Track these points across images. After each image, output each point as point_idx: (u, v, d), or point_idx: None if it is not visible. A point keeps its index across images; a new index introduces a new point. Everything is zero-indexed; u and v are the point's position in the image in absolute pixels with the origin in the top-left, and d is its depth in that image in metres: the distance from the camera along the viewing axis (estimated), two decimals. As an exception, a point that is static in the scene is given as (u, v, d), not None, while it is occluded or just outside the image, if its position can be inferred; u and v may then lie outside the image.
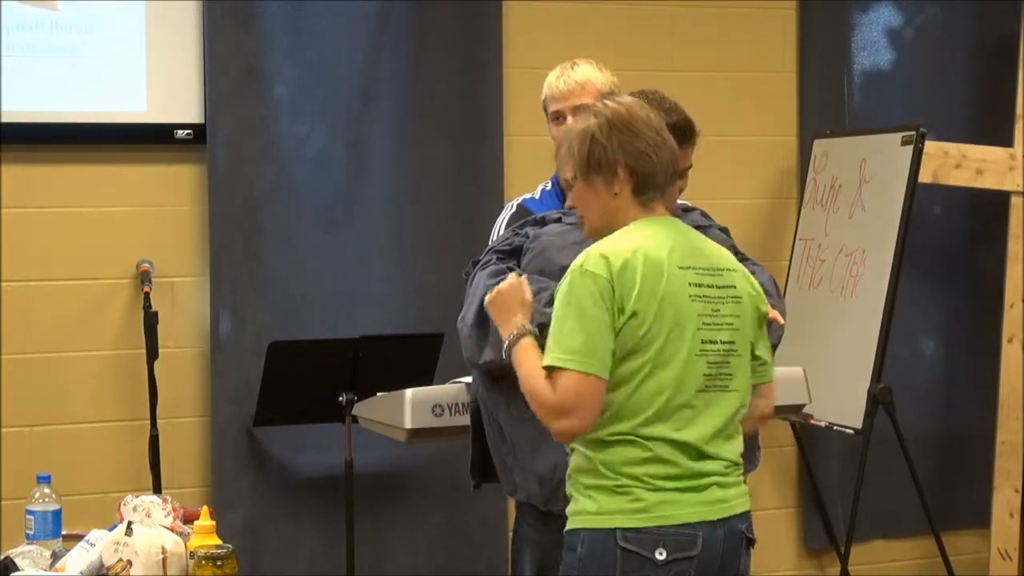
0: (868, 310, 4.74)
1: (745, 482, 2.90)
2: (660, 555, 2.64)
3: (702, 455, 2.71)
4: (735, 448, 2.79)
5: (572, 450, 2.76)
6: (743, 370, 2.79)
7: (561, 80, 3.44)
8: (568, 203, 2.87)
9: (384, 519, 4.72)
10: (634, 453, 2.66)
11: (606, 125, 2.77)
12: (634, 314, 2.65)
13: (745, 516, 2.81)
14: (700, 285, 2.73)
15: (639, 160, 2.76)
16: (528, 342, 2.76)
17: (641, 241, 2.71)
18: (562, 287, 2.70)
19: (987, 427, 5.25)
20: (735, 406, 2.77)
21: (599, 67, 3.47)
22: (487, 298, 2.88)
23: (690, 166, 3.12)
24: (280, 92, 4.67)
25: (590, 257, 2.69)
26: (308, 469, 4.67)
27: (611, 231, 2.77)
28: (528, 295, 2.83)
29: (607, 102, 2.83)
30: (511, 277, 2.87)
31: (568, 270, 2.70)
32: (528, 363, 2.73)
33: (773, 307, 3.06)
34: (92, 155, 4.56)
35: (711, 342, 2.72)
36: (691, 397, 2.69)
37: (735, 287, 2.79)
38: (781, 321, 3.05)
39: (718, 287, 2.76)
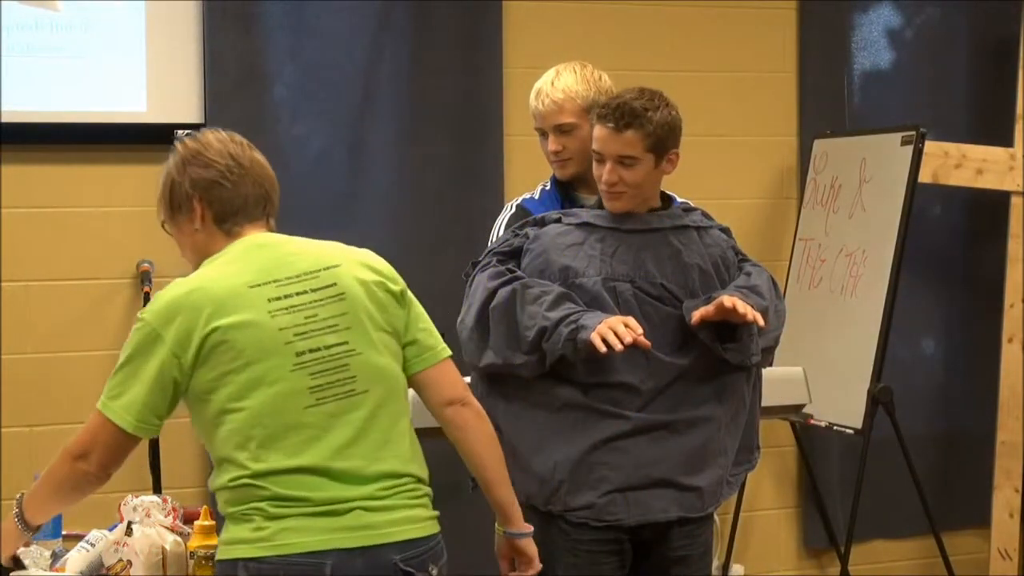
0: (868, 310, 4.74)
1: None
2: None
3: (340, 475, 2.56)
4: (396, 458, 2.65)
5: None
6: (374, 368, 2.65)
7: (540, 100, 3.39)
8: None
9: (384, 519, 4.71)
10: (255, 492, 2.55)
11: (180, 162, 2.72)
12: (198, 352, 2.55)
13: (409, 544, 2.62)
14: (282, 297, 2.61)
15: (211, 190, 2.69)
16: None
17: (203, 277, 2.62)
18: (136, 331, 2.60)
19: (987, 427, 5.26)
20: (370, 409, 2.63)
21: (584, 75, 3.38)
22: None
23: (630, 156, 3.05)
24: (280, 92, 4.67)
25: (151, 305, 2.61)
26: (308, 469, 4.67)
27: None
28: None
29: (185, 140, 2.76)
30: None
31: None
32: (44, 477, 2.67)
33: (762, 309, 3.05)
34: (92, 155, 4.56)
35: (313, 351, 2.59)
36: (299, 416, 2.57)
37: (335, 284, 2.66)
38: (760, 323, 2.99)
39: (312, 291, 2.64)
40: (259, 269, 2.63)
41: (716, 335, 3.03)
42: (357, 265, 2.72)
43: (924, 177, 4.88)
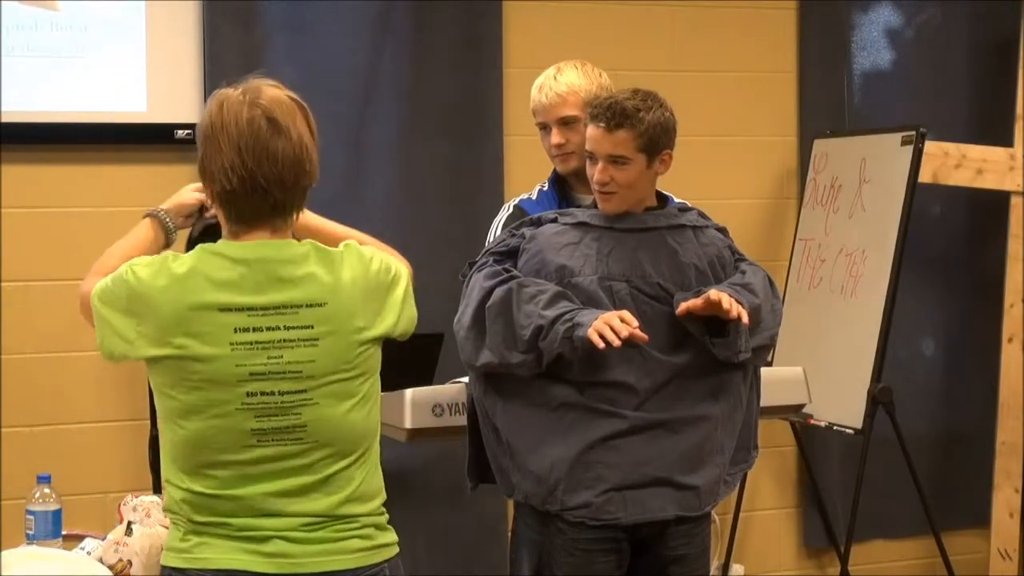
0: (868, 310, 4.74)
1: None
2: None
3: (263, 511, 2.46)
4: (331, 503, 2.51)
5: None
6: (330, 420, 2.49)
7: (543, 93, 3.41)
8: None
9: (384, 519, 4.72)
10: (184, 498, 2.48)
11: (209, 128, 2.49)
12: (151, 358, 2.44)
13: None
14: (251, 330, 2.42)
15: (215, 182, 2.47)
16: (147, 222, 2.71)
17: (190, 272, 2.44)
18: (123, 269, 2.48)
19: (987, 427, 5.26)
20: (315, 459, 2.48)
21: (585, 71, 3.41)
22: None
23: (622, 156, 3.05)
24: (280, 92, 4.67)
25: (140, 268, 2.46)
26: (308, 469, 4.67)
27: None
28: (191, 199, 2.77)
29: (222, 99, 2.55)
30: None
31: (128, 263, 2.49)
32: (132, 238, 2.66)
33: (754, 306, 3.05)
34: (92, 155, 4.56)
35: (265, 394, 2.43)
36: (235, 454, 2.45)
37: (312, 327, 2.45)
38: (745, 320, 2.98)
39: (285, 328, 2.44)
40: (240, 289, 2.43)
41: (706, 330, 3.03)
42: (347, 305, 2.50)
43: (924, 177, 4.88)
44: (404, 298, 2.63)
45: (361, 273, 2.55)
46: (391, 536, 2.62)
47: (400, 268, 2.67)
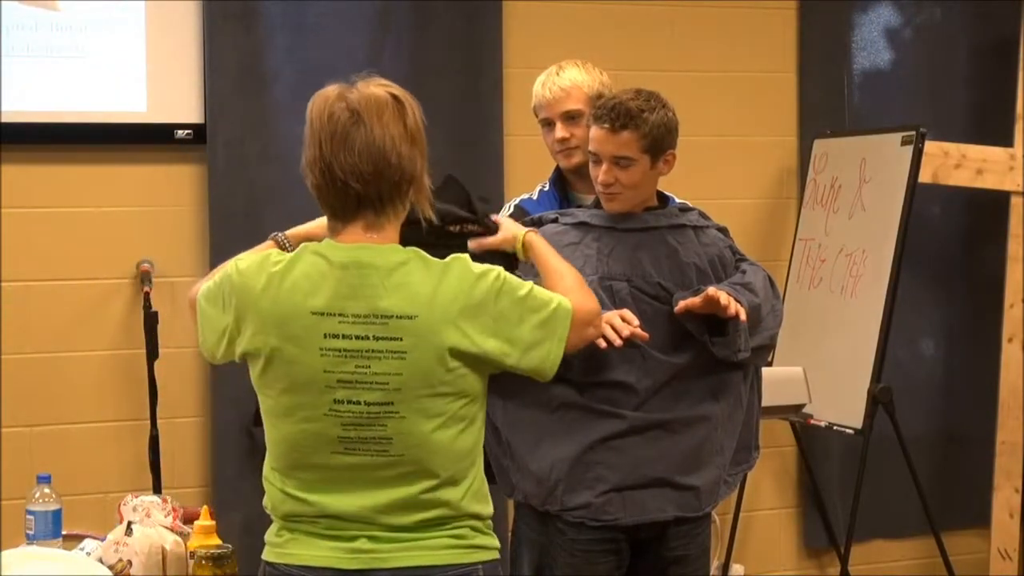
0: (868, 310, 4.74)
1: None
2: None
3: (349, 517, 2.48)
4: (419, 512, 2.48)
5: None
6: (416, 435, 2.44)
7: (546, 88, 3.42)
8: None
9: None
10: (278, 497, 2.53)
11: (309, 121, 2.52)
12: (246, 352, 2.47)
13: (416, 570, 2.47)
14: (340, 336, 2.41)
15: (307, 176, 2.50)
16: (269, 242, 2.74)
17: (288, 271, 2.44)
18: (229, 265, 2.52)
19: (987, 427, 5.26)
20: (400, 472, 2.45)
21: (587, 68, 3.43)
22: None
23: (626, 157, 3.05)
24: (280, 92, 4.67)
25: (244, 262, 2.49)
26: (308, 469, 4.67)
27: None
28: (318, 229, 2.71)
29: (317, 98, 2.56)
30: None
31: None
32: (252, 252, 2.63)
33: (754, 305, 3.05)
34: (92, 155, 4.56)
35: (351, 402, 2.42)
36: (324, 459, 2.46)
37: (401, 340, 2.41)
38: (743, 317, 2.98)
39: (374, 338, 2.40)
40: (333, 294, 2.42)
41: (706, 329, 3.03)
42: (438, 320, 2.42)
43: (924, 177, 4.89)
44: (539, 326, 2.50)
45: (463, 288, 2.45)
46: (491, 541, 2.57)
47: (557, 301, 2.54)
